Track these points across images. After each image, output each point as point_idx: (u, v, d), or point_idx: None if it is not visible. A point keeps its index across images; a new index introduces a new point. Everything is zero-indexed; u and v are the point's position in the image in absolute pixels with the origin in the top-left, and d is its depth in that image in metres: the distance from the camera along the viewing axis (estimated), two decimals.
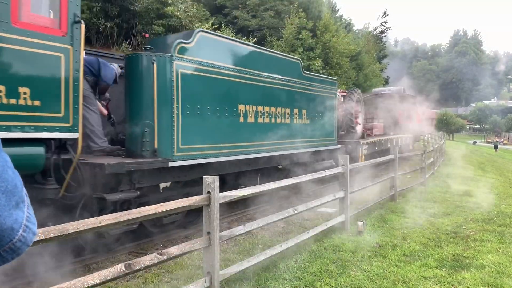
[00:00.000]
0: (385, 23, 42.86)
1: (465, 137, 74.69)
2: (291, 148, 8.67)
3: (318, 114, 9.90)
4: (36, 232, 0.81)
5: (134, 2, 19.30)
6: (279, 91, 8.34)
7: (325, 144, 10.33)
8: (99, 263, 5.42)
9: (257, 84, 7.64)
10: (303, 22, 26.31)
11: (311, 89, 9.51)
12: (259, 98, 7.71)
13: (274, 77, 8.10)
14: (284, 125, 8.46)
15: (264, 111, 7.84)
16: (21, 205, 0.77)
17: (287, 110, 8.58)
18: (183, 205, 3.77)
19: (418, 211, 8.36)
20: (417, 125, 23.70)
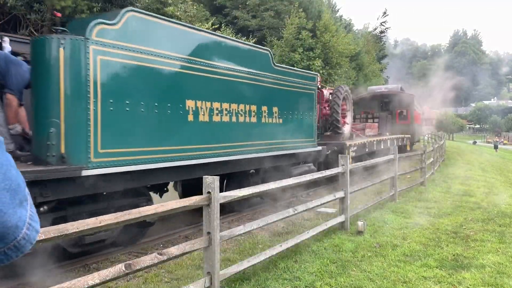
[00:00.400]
0: (384, 23, 42.89)
1: (465, 137, 74.70)
2: (259, 151, 7.66)
3: (293, 112, 8.81)
4: (39, 230, 0.82)
5: (134, 2, 19.31)
6: (243, 85, 7.23)
7: (302, 146, 9.16)
8: (99, 263, 5.42)
9: (213, 77, 6.55)
10: (303, 22, 26.31)
11: (284, 84, 8.42)
12: (216, 93, 6.58)
13: (236, 69, 7.02)
14: (250, 125, 7.40)
15: (223, 109, 6.71)
16: (25, 203, 0.78)
17: (253, 108, 7.48)
18: (183, 205, 3.77)
19: (418, 211, 8.36)
20: (416, 125, 22.70)
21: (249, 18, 26.56)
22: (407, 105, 21.27)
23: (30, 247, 0.80)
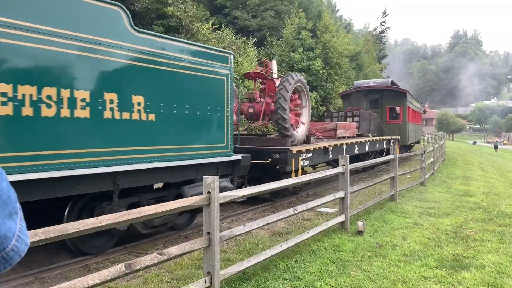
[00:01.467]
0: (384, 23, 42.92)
1: (465, 137, 74.73)
2: (95, 164, 4.90)
3: (180, 105, 6.07)
4: (28, 243, 0.81)
5: (134, 2, 19.32)
6: (66, 58, 4.61)
7: (201, 154, 6.48)
8: (99, 263, 5.42)
9: None
10: (303, 22, 26.33)
11: (156, 61, 5.67)
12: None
13: (42, 30, 4.35)
14: (83, 122, 4.76)
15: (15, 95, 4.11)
16: (14, 216, 0.78)
17: (84, 95, 4.77)
18: (183, 205, 3.77)
19: (418, 211, 8.36)
20: (411, 125, 20.31)
21: (249, 18, 26.58)
22: (399, 102, 18.67)
23: (18, 260, 0.79)
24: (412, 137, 20.82)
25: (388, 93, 18.96)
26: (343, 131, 12.59)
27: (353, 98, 19.18)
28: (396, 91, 19.25)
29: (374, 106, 18.92)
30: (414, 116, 22.32)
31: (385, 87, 19.41)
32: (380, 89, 19.21)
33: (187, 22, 19.71)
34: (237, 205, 9.02)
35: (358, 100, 18.93)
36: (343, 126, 12.88)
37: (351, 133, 13.26)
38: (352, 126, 13.66)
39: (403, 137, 18.58)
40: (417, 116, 24.74)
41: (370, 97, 19.21)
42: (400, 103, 18.74)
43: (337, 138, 11.82)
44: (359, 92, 19.38)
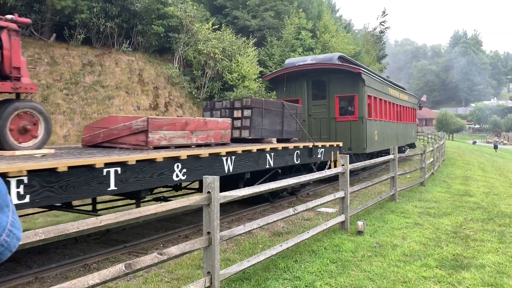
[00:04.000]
0: (384, 22, 42.92)
1: (465, 137, 74.73)
2: None
3: None
4: (20, 238, 0.77)
5: (134, 2, 19.33)
6: None
7: None
8: (99, 263, 5.42)
9: None
10: (303, 22, 26.33)
11: None
12: None
13: None
14: None
15: None
16: (5, 209, 0.75)
17: None
18: (183, 205, 3.77)
19: (418, 211, 8.36)
20: (379, 123, 14.46)
21: (249, 18, 26.58)
22: (353, 88, 12.74)
23: (9, 255, 0.75)
24: (383, 141, 14.83)
25: (336, 75, 12.98)
26: (172, 135, 6.57)
27: (288, 85, 13.68)
28: (348, 71, 12.74)
29: (320, 95, 13.43)
30: (393, 111, 17.08)
31: (328, 66, 13.05)
32: (322, 69, 13.11)
33: (187, 22, 19.71)
34: (237, 205, 9.02)
35: (294, 87, 13.63)
36: (177, 124, 6.68)
37: (208, 138, 7.37)
38: (214, 125, 7.56)
39: (358, 141, 12.64)
40: (404, 112, 19.70)
41: (312, 83, 13.52)
42: (354, 89, 12.77)
43: (151, 148, 6.23)
44: (294, 76, 13.50)
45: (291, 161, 8.79)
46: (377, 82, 14.74)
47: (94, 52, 17.91)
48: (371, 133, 13.38)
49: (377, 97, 14.41)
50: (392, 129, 16.84)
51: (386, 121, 15.76)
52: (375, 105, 14.21)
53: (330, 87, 13.19)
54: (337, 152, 10.84)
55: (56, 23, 17.81)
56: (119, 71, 17.78)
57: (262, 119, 8.93)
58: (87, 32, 18.10)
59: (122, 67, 18.04)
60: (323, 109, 13.31)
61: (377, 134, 14.20)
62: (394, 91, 17.72)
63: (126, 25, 19.30)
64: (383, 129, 15.17)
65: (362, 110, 12.81)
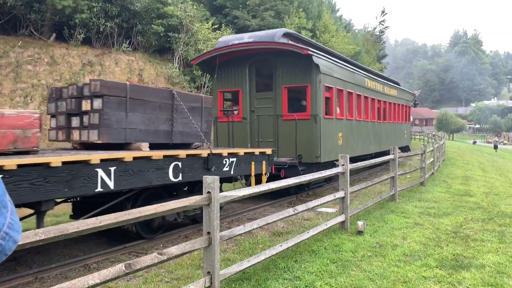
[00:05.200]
0: (383, 22, 42.92)
1: (465, 137, 74.72)
2: None
3: None
4: (18, 240, 0.73)
5: (134, 2, 19.32)
6: None
7: None
8: (99, 263, 5.42)
9: None
10: (303, 22, 26.34)
11: None
12: None
13: None
14: None
15: None
16: (3, 210, 0.71)
17: None
18: (183, 205, 3.77)
19: (418, 211, 8.36)
20: (344, 124, 11.36)
21: (249, 18, 26.59)
22: (305, 77, 9.73)
23: (3, 258, 0.72)
24: (353, 146, 11.98)
25: (284, 60, 9.88)
26: None
27: (224, 72, 10.66)
28: (295, 53, 9.37)
29: (266, 85, 10.52)
30: (373, 108, 14.13)
31: (269, 46, 9.74)
32: (267, 50, 9.98)
33: (187, 22, 19.71)
34: (237, 205, 9.03)
35: (233, 74, 10.57)
36: None
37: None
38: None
39: (309, 147, 9.60)
40: (393, 110, 17.06)
41: (256, 69, 10.46)
42: (305, 78, 9.72)
43: None
44: (233, 60, 10.47)
45: (162, 179, 5.81)
46: (343, 69, 11.42)
47: (94, 52, 17.91)
48: (330, 136, 10.35)
49: (344, 90, 11.40)
50: (370, 130, 13.89)
51: (360, 121, 12.79)
52: (341, 100, 11.29)
53: (277, 74, 10.03)
54: (263, 162, 7.97)
55: (56, 23, 17.80)
56: (119, 71, 17.77)
57: (127, 113, 5.98)
58: (87, 32, 18.10)
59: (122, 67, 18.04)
60: (269, 104, 10.12)
61: (342, 137, 11.16)
62: (374, 84, 14.39)
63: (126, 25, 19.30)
64: (353, 130, 12.20)
65: (316, 106, 9.64)
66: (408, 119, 20.85)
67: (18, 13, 16.65)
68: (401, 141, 18.44)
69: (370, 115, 13.87)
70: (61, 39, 17.61)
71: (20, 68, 15.18)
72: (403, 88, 20.60)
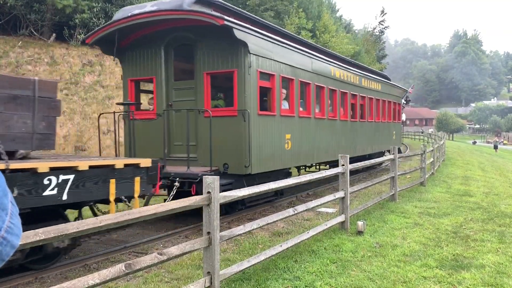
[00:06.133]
0: (383, 22, 42.93)
1: (465, 137, 74.72)
2: None
3: None
4: (16, 245, 0.70)
5: (134, 2, 19.33)
6: None
7: None
8: (99, 263, 5.42)
9: None
10: (302, 22, 26.35)
11: None
12: None
13: None
14: None
15: None
16: (1, 213, 0.67)
17: None
18: (183, 205, 3.77)
19: (418, 211, 8.36)
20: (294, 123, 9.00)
21: None
22: (231, 59, 7.55)
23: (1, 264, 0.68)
24: (309, 151, 9.64)
25: (206, 37, 7.75)
26: None
27: (131, 53, 8.47)
28: (214, 27, 7.09)
29: (186, 71, 8.45)
30: (343, 104, 11.79)
31: (177, 16, 7.46)
32: (181, 24, 7.86)
33: None
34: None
35: (146, 57, 8.31)
36: None
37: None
38: None
39: (236, 154, 7.45)
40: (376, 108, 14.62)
41: (174, 50, 8.27)
42: (231, 61, 7.59)
43: None
44: (144, 38, 8.25)
45: None
46: (292, 52, 8.89)
47: (94, 52, 17.91)
48: (269, 138, 8.00)
49: (295, 79, 9.00)
50: (340, 131, 11.53)
51: (322, 119, 10.40)
52: (291, 92, 8.92)
53: (198, 57, 7.82)
54: (136, 180, 5.42)
55: (56, 23, 17.81)
56: (119, 71, 17.77)
57: None
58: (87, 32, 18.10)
59: None
60: (191, 96, 7.88)
61: (293, 140, 8.82)
62: (345, 74, 11.89)
63: None
64: (311, 131, 9.77)
65: (245, 99, 7.37)
66: (398, 118, 18.36)
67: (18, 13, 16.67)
68: (387, 143, 15.81)
69: (340, 113, 11.62)
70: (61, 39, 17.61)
71: (20, 68, 15.20)
72: (392, 83, 17.98)
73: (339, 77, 11.55)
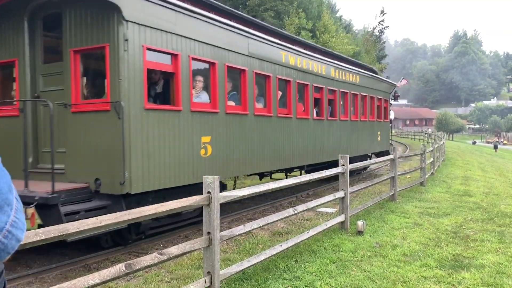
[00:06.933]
0: (383, 22, 42.93)
1: (464, 137, 74.71)
2: None
3: None
4: (21, 239, 0.72)
5: None
6: None
7: None
8: (99, 263, 5.42)
9: None
10: (302, 22, 26.35)
11: None
12: None
13: None
14: None
15: None
16: (6, 208, 0.70)
17: None
18: (183, 205, 3.77)
19: (418, 211, 8.36)
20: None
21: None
22: (103, 33, 5.46)
23: (6, 257, 0.70)
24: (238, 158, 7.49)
25: (75, 3, 5.72)
26: None
27: None
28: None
29: (56, 50, 6.25)
30: (298, 97, 9.54)
31: None
32: None
33: None
34: (237, 205, 9.03)
35: (5, 33, 6.36)
36: None
37: None
38: None
39: (110, 165, 5.41)
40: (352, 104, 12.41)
41: (42, 24, 6.23)
42: (102, 34, 5.54)
43: None
44: (2, 7, 6.20)
45: None
46: (208, 25, 6.71)
47: None
48: (169, 142, 6.01)
49: (215, 62, 6.80)
50: (295, 132, 9.27)
51: (267, 117, 8.30)
52: (212, 79, 6.85)
53: (65, 29, 5.85)
54: None
55: None
56: None
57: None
58: None
59: None
60: (59, 84, 5.98)
61: (214, 143, 6.81)
62: (304, 62, 9.65)
63: None
64: (247, 133, 7.70)
65: (120, 86, 5.41)
66: (385, 116, 15.65)
67: None
68: (369, 146, 13.71)
69: (298, 109, 9.48)
70: None
71: None
72: (376, 76, 15.47)
73: (295, 65, 9.27)
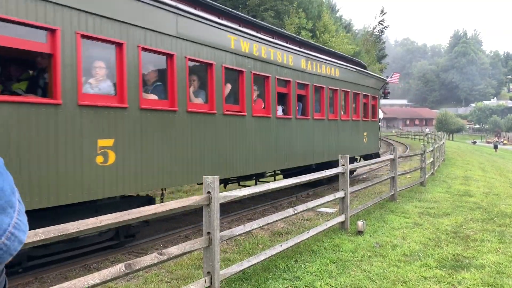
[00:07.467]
0: (383, 21, 42.93)
1: (465, 137, 74.69)
2: None
3: None
4: (23, 241, 0.73)
5: None
6: None
7: None
8: (99, 263, 5.42)
9: None
10: (302, 22, 26.35)
11: None
12: None
13: None
14: None
15: None
16: (9, 210, 0.70)
17: None
18: (183, 205, 3.77)
19: (418, 211, 8.36)
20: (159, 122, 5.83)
21: None
22: None
23: (9, 258, 0.70)
24: (158, 167, 5.71)
25: None
26: None
27: None
28: None
29: None
30: (260, 92, 8.24)
31: None
32: None
33: None
34: (237, 205, 9.03)
35: None
36: None
37: None
38: None
39: None
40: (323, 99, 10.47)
41: None
42: None
43: None
44: None
45: None
46: None
47: None
48: (29, 149, 4.31)
49: (123, 43, 5.19)
50: (253, 134, 7.80)
51: (206, 115, 6.68)
52: (118, 65, 5.24)
53: None
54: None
55: None
56: None
57: None
58: None
59: None
60: None
61: (117, 149, 5.17)
62: (263, 49, 8.12)
63: None
64: (173, 135, 6.04)
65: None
66: (373, 115, 13.99)
67: None
68: (354, 149, 12.15)
69: (256, 107, 8.00)
70: None
71: None
72: (363, 70, 13.48)
73: (251, 53, 7.73)
